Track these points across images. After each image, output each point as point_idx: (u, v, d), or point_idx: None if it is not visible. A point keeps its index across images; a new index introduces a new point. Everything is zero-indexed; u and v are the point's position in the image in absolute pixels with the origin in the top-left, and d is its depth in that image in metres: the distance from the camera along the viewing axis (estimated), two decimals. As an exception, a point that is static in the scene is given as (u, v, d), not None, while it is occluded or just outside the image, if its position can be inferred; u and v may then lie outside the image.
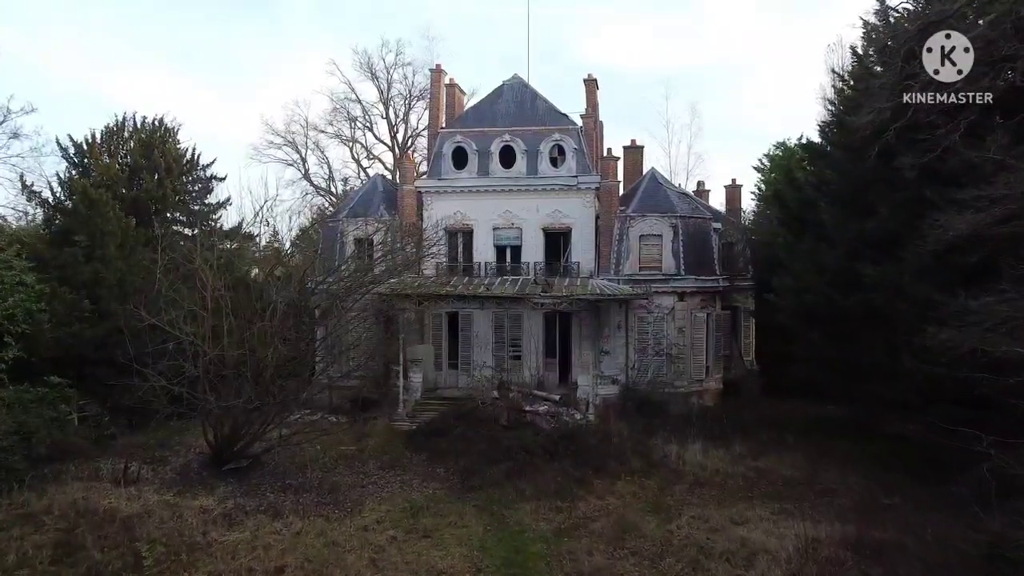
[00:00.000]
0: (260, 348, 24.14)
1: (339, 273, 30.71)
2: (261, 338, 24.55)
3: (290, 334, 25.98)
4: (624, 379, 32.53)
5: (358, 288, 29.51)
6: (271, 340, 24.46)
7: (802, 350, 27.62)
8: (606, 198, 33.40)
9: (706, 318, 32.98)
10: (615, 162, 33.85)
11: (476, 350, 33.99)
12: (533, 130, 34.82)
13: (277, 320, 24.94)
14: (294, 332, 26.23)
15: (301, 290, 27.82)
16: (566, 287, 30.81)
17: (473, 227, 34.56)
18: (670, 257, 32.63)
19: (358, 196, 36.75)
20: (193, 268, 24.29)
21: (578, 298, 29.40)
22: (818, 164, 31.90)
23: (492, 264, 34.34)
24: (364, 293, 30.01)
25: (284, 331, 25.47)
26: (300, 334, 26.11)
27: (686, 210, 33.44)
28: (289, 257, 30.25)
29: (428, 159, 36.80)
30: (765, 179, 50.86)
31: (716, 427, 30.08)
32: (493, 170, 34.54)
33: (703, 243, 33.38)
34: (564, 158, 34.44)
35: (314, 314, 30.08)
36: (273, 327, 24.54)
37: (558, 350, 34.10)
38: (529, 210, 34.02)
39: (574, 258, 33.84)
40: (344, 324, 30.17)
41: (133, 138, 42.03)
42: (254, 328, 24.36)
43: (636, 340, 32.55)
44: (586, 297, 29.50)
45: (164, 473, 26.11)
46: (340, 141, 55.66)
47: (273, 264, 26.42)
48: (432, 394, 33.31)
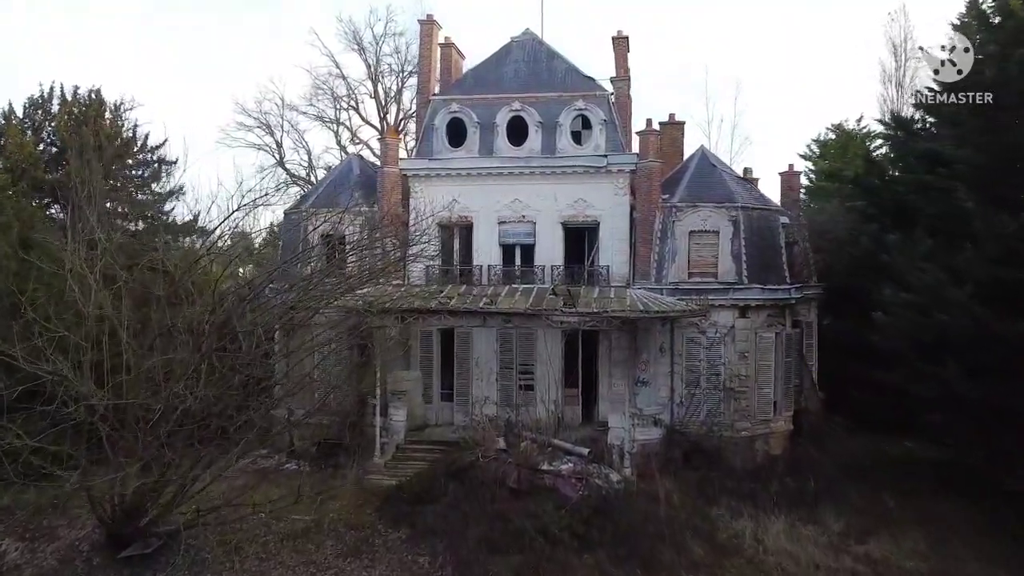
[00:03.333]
0: (173, 386, 16.69)
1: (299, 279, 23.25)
2: (178, 372, 17.18)
3: (227, 362, 18.43)
4: (668, 419, 25.00)
5: (321, 300, 22.05)
6: (192, 374, 17.06)
7: (929, 388, 20.06)
8: (644, 184, 25.86)
9: (774, 339, 25.42)
10: (656, 137, 26.28)
11: (476, 378, 26.52)
12: (550, 97, 27.30)
13: (208, 344, 17.56)
14: (233, 359, 18.68)
15: (238, 304, 20.27)
16: (596, 300, 23.24)
17: (473, 220, 27.07)
18: (728, 260, 25.07)
19: (327, 181, 29.21)
20: (66, 272, 16.74)
21: (613, 316, 21.83)
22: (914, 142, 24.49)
23: (497, 268, 26.83)
24: (328, 304, 22.53)
25: (215, 360, 17.94)
26: (240, 362, 18.57)
27: (748, 199, 25.86)
28: (227, 257, 22.73)
29: (417, 135, 29.31)
30: (818, 166, 43.25)
31: (795, 486, 22.73)
32: (499, 148, 27.04)
33: (770, 242, 25.81)
34: (590, 132, 26.90)
35: (269, 334, 22.56)
36: (196, 357, 17.12)
37: (581, 378, 26.60)
38: (545, 199, 26.51)
39: (603, 260, 26.31)
40: (306, 345, 22.68)
41: (65, 112, 34.81)
42: (173, 358, 17.00)
43: (684, 369, 25.01)
44: (624, 315, 21.94)
45: (43, 558, 18.98)
46: (322, 123, 48.23)
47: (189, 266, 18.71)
48: (419, 435, 25.85)
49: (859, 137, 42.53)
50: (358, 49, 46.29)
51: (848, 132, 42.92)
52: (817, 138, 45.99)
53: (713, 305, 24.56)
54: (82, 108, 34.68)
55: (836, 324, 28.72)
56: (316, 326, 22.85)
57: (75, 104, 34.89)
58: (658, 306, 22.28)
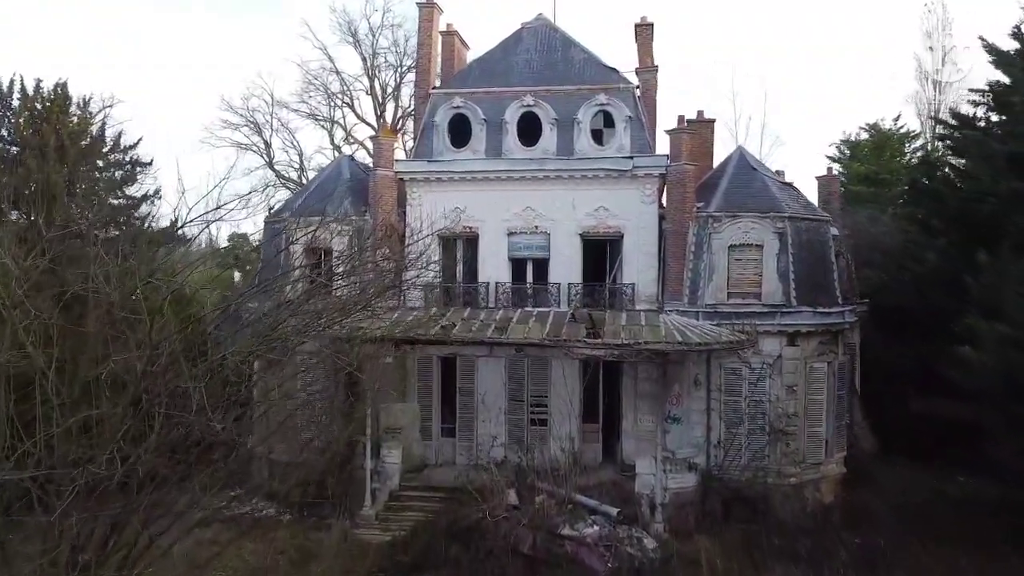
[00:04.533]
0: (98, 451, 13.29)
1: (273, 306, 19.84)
2: (107, 431, 13.75)
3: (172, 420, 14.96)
4: (704, 462, 21.62)
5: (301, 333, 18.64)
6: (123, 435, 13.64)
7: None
8: (677, 190, 22.50)
9: (826, 370, 22.06)
10: (688, 136, 22.87)
11: (482, 412, 23.17)
12: (567, 90, 23.92)
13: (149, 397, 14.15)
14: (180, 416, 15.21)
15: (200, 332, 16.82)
16: (624, 328, 19.85)
17: (479, 231, 23.71)
18: (774, 278, 21.69)
19: (314, 186, 25.78)
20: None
21: (647, 349, 18.44)
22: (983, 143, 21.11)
23: (506, 286, 23.45)
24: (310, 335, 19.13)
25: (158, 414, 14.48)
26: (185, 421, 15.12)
27: (796, 208, 22.47)
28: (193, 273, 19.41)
29: (415, 133, 25.94)
30: (851, 169, 39.80)
31: (856, 543, 19.43)
32: (509, 148, 23.67)
33: (820, 257, 22.44)
34: (613, 131, 23.54)
35: (247, 366, 19.15)
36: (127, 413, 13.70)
37: (602, 412, 23.28)
38: (561, 207, 23.16)
39: (627, 278, 22.94)
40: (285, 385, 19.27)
41: (25, 108, 31.46)
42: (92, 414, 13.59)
43: (723, 404, 21.62)
44: (659, 348, 18.55)
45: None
46: (315, 122, 44.82)
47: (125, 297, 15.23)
48: (416, 478, 22.53)
49: (896, 137, 39.16)
50: (353, 42, 42.89)
51: (884, 132, 39.50)
52: (847, 138, 42.58)
53: (757, 331, 21.18)
54: (45, 104, 31.31)
55: (889, 349, 25.30)
56: (300, 353, 19.55)
57: (37, 99, 31.52)
58: (699, 336, 18.88)
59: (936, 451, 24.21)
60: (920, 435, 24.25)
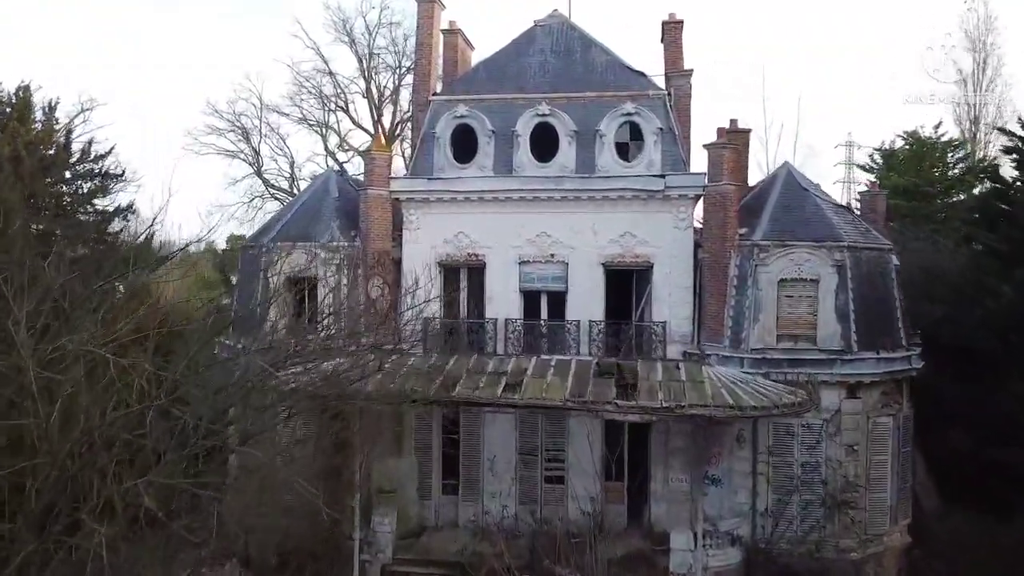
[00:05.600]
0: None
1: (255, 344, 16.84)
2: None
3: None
4: (748, 533, 18.51)
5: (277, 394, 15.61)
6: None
7: None
8: (717, 214, 19.40)
9: (891, 425, 18.95)
10: (729, 152, 19.71)
11: (489, 468, 20.13)
12: (589, 98, 20.84)
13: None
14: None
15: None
16: (662, 383, 16.71)
17: (486, 259, 20.65)
18: (832, 319, 18.57)
19: (297, 206, 22.61)
20: None
21: (690, 413, 15.31)
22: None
23: (517, 322, 20.38)
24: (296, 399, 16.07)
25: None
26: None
27: (855, 236, 19.31)
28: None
29: (413, 145, 22.84)
30: (887, 181, 36.55)
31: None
32: (520, 164, 20.59)
33: (882, 293, 19.32)
34: (642, 145, 20.43)
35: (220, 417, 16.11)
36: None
37: (627, 468, 20.19)
38: (581, 232, 20.12)
39: (657, 315, 19.85)
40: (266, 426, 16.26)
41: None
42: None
43: (771, 467, 18.49)
44: (707, 413, 15.42)
45: None
46: (308, 127, 41.70)
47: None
48: (414, 547, 19.49)
49: (938, 146, 35.97)
50: (348, 41, 39.73)
51: (923, 141, 36.29)
52: (880, 147, 39.34)
53: (812, 382, 18.06)
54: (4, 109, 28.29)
55: (953, 392, 22.13)
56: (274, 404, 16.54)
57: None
58: (754, 398, 15.73)
59: (1013, 505, 21.16)
60: (993, 489, 21.18)
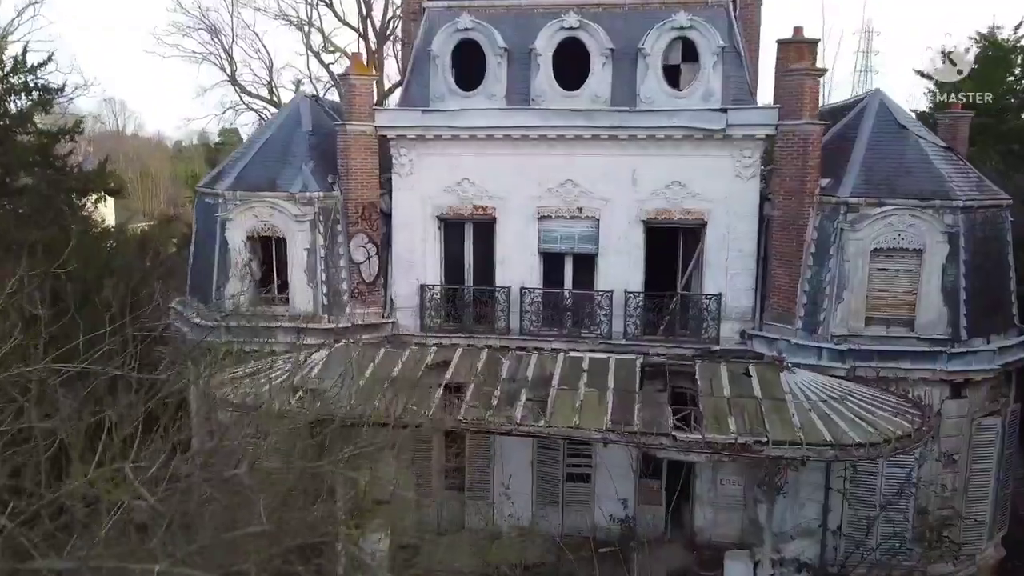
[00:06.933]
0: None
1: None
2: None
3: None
4: (816, 554, 15.27)
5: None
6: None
7: None
8: (793, 161, 15.18)
9: (998, 428, 15.37)
10: (811, 81, 15.18)
11: (500, 463, 16.80)
12: (629, 5, 16.19)
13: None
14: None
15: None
16: (731, 400, 12.91)
17: (496, 213, 16.54)
18: (937, 299, 14.66)
19: (261, 142, 18.11)
20: None
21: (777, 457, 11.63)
22: None
23: (535, 292, 16.51)
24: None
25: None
26: None
27: (969, 191, 15.10)
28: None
29: (403, 64, 18.22)
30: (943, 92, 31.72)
31: None
32: (541, 92, 16.13)
33: (996, 264, 15.35)
34: (697, 69, 15.91)
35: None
36: None
37: (666, 464, 16.79)
38: (617, 180, 15.94)
39: (710, 286, 15.95)
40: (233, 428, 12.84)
41: None
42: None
43: (848, 480, 15.03)
44: (794, 454, 11.72)
45: None
46: (288, 23, 36.51)
47: None
48: (412, 564, 16.24)
49: (1019, 52, 30.98)
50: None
51: (1000, 44, 31.21)
52: (945, 50, 34.15)
53: (906, 379, 14.36)
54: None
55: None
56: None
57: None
58: (860, 431, 11.88)
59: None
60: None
